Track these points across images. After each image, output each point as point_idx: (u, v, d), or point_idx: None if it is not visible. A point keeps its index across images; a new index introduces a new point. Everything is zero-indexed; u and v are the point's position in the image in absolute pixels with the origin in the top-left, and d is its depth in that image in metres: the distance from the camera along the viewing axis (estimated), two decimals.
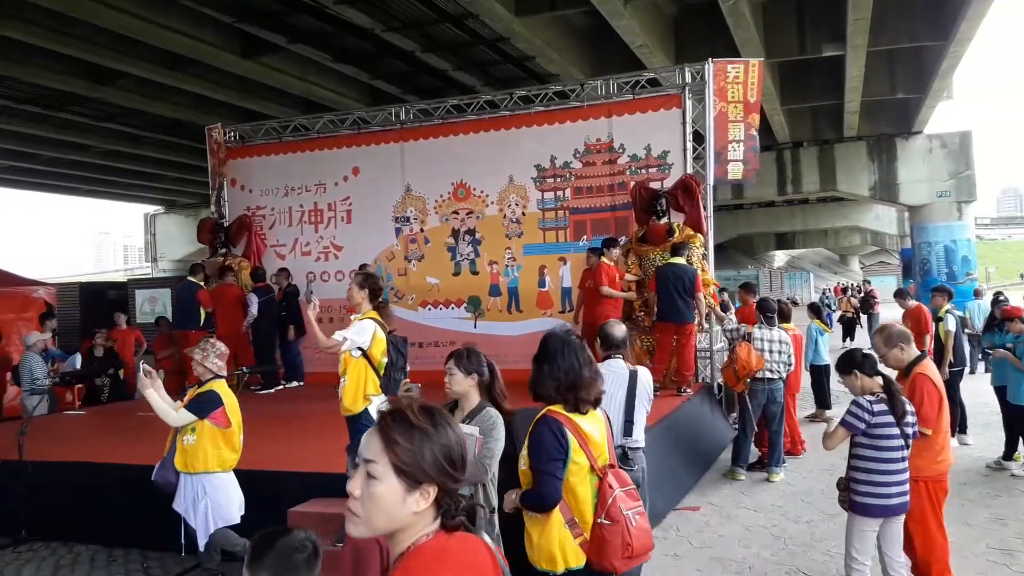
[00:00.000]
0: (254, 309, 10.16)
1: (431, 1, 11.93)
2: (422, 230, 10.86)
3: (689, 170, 9.44)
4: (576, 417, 2.97)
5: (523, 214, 10.32)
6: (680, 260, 8.36)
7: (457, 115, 10.71)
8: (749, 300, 8.91)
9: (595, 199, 9.98)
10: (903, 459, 3.93)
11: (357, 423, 4.85)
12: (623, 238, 9.46)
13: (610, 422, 3.28)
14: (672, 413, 7.34)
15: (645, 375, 4.47)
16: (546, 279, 10.21)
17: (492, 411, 3.45)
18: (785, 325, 7.80)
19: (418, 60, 14.44)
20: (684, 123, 9.49)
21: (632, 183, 9.61)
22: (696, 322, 8.38)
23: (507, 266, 10.41)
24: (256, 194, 11.77)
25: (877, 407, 3.90)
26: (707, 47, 13.77)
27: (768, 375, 7.28)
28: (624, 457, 4.17)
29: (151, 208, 31.96)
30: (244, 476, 4.90)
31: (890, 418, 3.88)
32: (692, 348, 8.51)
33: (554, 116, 10.19)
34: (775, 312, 7.56)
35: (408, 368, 5.19)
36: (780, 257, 42.40)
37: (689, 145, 9.52)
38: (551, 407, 3.00)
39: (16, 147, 20.27)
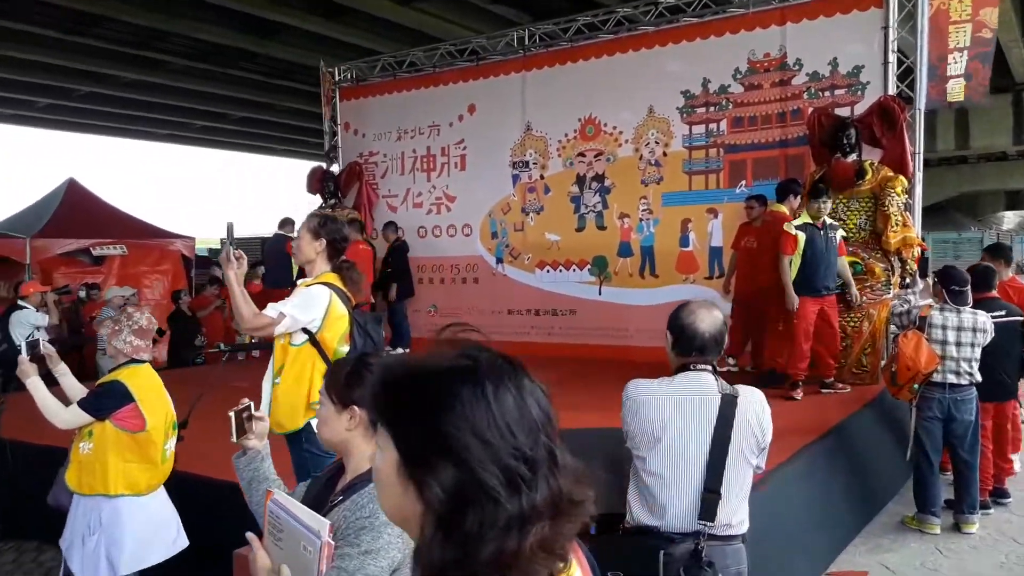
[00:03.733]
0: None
1: None
2: (542, 177, 9.04)
3: (891, 91, 6.94)
4: None
5: (664, 154, 8.21)
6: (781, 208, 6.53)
7: (589, 34, 8.75)
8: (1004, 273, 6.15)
9: (759, 132, 7.68)
10: None
11: (297, 444, 3.21)
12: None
13: None
14: (830, 432, 5.11)
15: (752, 401, 2.49)
16: (690, 236, 8.08)
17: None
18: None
19: None
20: (886, 27, 6.96)
21: (810, 110, 7.25)
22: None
23: (641, 220, 8.38)
24: (369, 139, 10.48)
25: None
26: None
27: (950, 378, 4.88)
28: (696, 559, 2.25)
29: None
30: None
31: None
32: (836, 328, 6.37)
33: (708, 28, 7.95)
34: (966, 285, 5.03)
35: None
36: (1010, 218, 36.34)
37: (892, 58, 6.98)
38: None
39: (206, 106, 20.30)
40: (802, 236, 6.00)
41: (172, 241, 14.24)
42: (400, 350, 9.45)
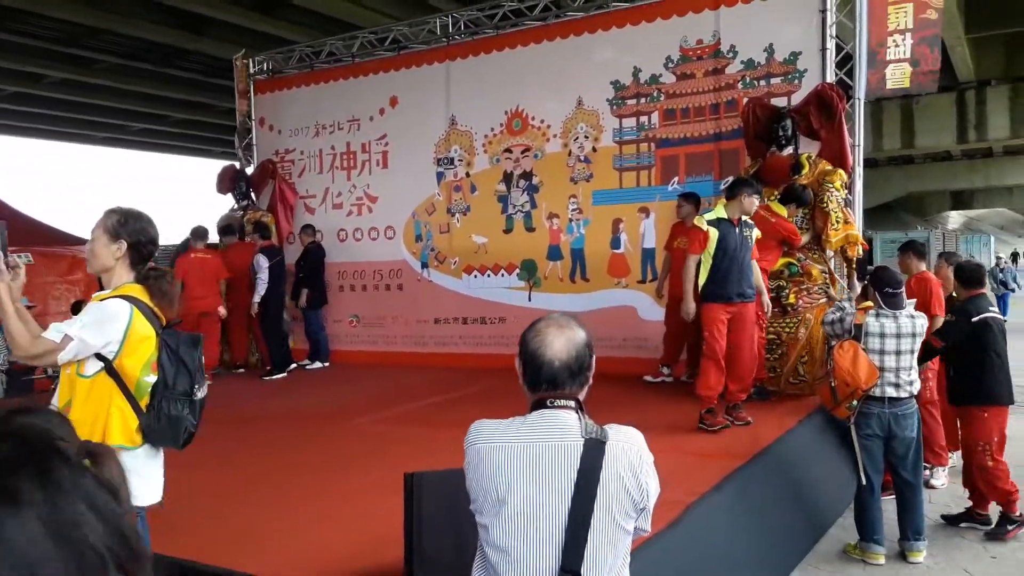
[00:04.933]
0: (264, 275, 8.09)
1: None
2: (468, 174, 8.43)
3: (830, 78, 6.48)
4: None
5: (594, 150, 7.66)
6: (780, 210, 5.64)
7: (515, 20, 8.17)
8: (917, 268, 5.87)
9: (692, 126, 7.17)
10: None
11: None
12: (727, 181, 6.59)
13: None
14: (762, 453, 4.57)
15: (626, 447, 1.87)
16: (622, 237, 7.53)
17: None
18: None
19: None
20: (824, 10, 6.51)
21: (745, 100, 6.76)
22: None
23: (571, 220, 7.81)
24: (285, 135, 9.76)
25: None
26: None
27: (889, 391, 4.37)
28: None
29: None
30: None
31: None
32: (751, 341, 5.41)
33: (640, 13, 7.41)
34: (900, 287, 4.47)
35: (203, 394, 2.76)
36: (955, 218, 36.80)
37: (830, 44, 6.53)
38: None
39: (144, 108, 19.38)
40: (714, 233, 5.12)
41: (83, 249, 13.34)
42: (318, 364, 8.79)
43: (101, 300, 2.61)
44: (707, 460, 4.44)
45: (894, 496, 4.67)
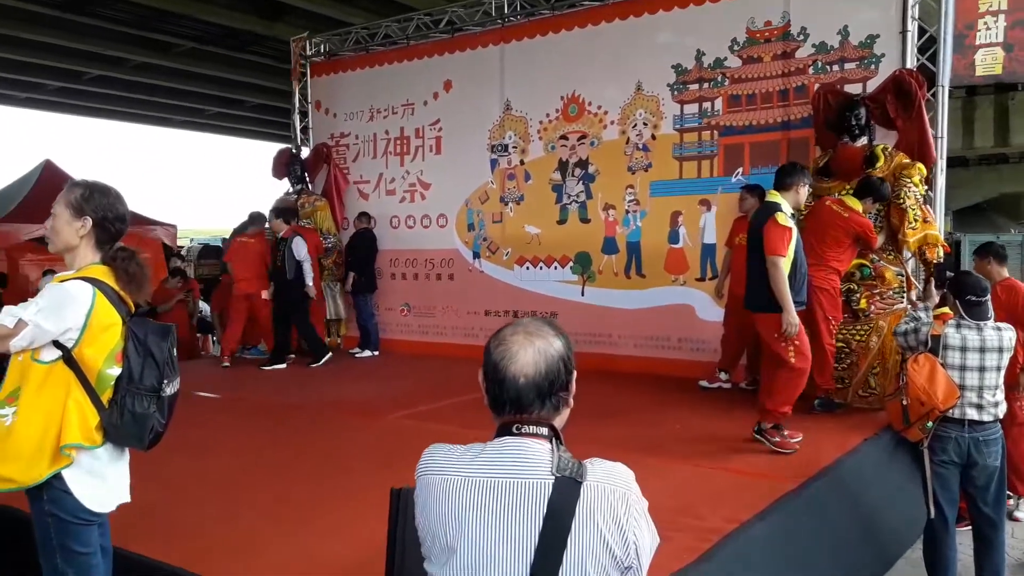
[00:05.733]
0: (302, 256, 7.88)
1: None
2: (522, 162, 8.12)
3: (910, 64, 5.92)
4: None
5: (653, 137, 7.25)
6: (855, 204, 5.14)
7: (573, 1, 7.80)
8: (999, 274, 5.33)
9: (759, 113, 6.70)
10: None
11: (38, 505, 2.35)
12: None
13: None
14: (818, 476, 4.13)
15: (608, 489, 1.51)
16: (680, 231, 7.12)
17: None
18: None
19: None
20: None
21: (816, 86, 6.26)
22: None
23: (628, 212, 7.43)
24: (340, 119, 9.63)
25: None
26: None
27: (970, 413, 3.90)
28: None
29: None
30: None
31: None
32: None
33: None
34: (986, 295, 3.96)
35: (173, 390, 2.54)
36: None
37: (912, 26, 5.96)
38: None
39: (220, 93, 19.80)
40: (795, 231, 4.62)
41: (152, 228, 13.59)
42: (368, 353, 8.67)
43: (61, 281, 2.42)
44: (755, 480, 4.07)
45: (970, 528, 4.22)
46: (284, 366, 7.90)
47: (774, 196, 4.67)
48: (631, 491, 1.55)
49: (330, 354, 8.17)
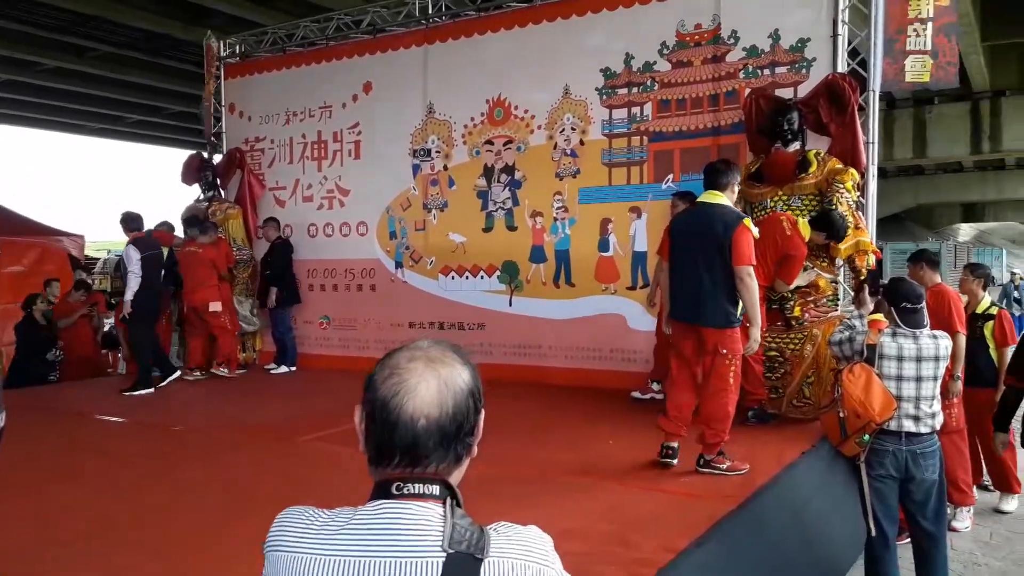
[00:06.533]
0: (135, 269, 6.87)
1: None
2: (446, 167, 7.78)
3: (841, 68, 5.84)
4: None
5: (581, 143, 7.02)
6: (805, 231, 5.06)
7: (499, 1, 7.52)
8: (931, 280, 5.25)
9: (689, 118, 6.53)
10: None
11: None
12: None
13: None
14: (757, 494, 3.85)
15: (515, 566, 1.12)
16: (610, 239, 6.89)
17: None
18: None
19: None
20: None
21: (747, 91, 6.12)
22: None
23: (556, 219, 7.17)
24: (255, 122, 9.12)
25: None
26: None
27: (907, 425, 3.74)
28: None
29: None
30: None
31: None
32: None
33: None
34: (921, 302, 3.80)
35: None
36: (966, 230, 36.17)
37: (843, 30, 5.89)
38: None
39: (139, 99, 18.90)
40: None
41: (58, 239, 12.73)
42: (284, 369, 8.16)
43: None
44: (691, 501, 3.79)
45: (910, 542, 4.04)
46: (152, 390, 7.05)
47: (716, 196, 4.26)
48: (549, 565, 1.17)
49: (177, 373, 7.48)
